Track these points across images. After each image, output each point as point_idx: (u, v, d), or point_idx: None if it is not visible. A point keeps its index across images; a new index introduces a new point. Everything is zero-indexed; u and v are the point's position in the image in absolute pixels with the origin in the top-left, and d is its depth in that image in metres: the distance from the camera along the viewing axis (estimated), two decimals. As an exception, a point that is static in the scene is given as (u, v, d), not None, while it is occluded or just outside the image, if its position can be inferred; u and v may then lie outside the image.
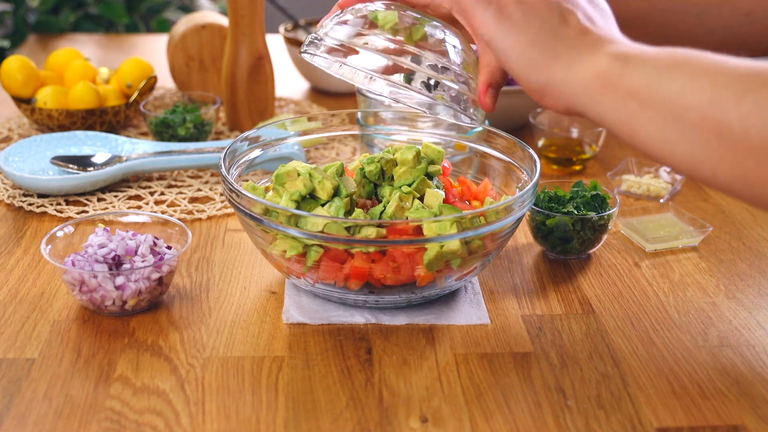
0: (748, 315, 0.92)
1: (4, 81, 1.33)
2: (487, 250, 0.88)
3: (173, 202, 1.14)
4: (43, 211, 1.10)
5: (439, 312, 0.90)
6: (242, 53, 1.31)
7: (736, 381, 0.81)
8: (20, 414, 0.75)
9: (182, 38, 1.42)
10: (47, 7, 2.20)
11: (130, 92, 1.36)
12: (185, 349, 0.84)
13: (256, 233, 0.88)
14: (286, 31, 1.59)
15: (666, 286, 0.97)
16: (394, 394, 0.78)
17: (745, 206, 1.16)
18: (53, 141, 1.20)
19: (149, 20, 2.42)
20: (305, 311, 0.90)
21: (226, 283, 0.95)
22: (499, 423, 0.75)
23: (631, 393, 0.79)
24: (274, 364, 0.82)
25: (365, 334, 0.87)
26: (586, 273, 0.99)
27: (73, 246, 0.93)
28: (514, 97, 1.32)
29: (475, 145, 1.04)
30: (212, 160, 1.18)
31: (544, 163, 1.26)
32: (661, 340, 0.87)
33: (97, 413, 0.75)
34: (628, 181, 1.18)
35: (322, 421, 0.75)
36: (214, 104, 1.33)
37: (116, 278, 0.86)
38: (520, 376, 0.81)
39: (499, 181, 1.01)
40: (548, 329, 0.88)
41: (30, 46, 1.84)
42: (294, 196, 0.88)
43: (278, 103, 1.52)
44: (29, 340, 0.85)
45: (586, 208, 1.00)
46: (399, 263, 0.85)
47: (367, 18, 0.85)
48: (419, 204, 0.89)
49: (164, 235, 0.96)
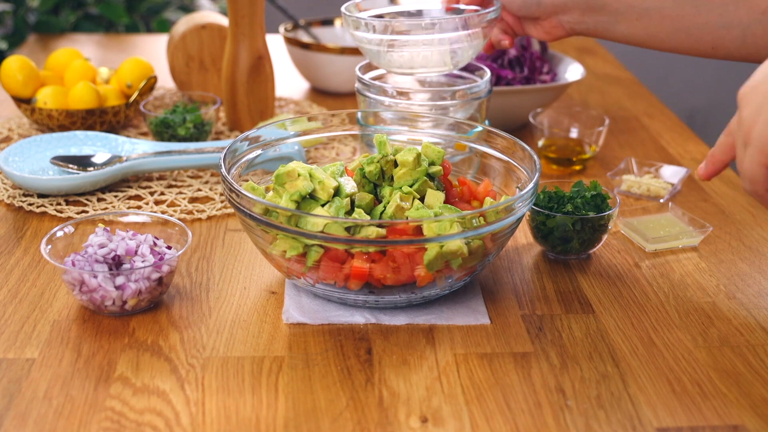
0: (748, 315, 0.92)
1: (4, 81, 1.33)
2: (487, 250, 0.88)
3: (173, 202, 1.14)
4: (43, 211, 1.10)
5: (439, 312, 0.90)
6: (242, 53, 1.31)
7: (736, 381, 0.81)
8: (20, 414, 0.75)
9: (182, 38, 1.42)
10: (47, 7, 2.20)
11: (130, 92, 1.36)
12: (185, 349, 0.84)
13: (256, 233, 0.88)
14: (286, 31, 1.59)
15: (666, 286, 0.97)
16: (394, 394, 0.78)
17: (745, 206, 1.16)
18: (53, 141, 1.20)
19: (149, 20, 2.42)
20: (305, 311, 0.90)
21: (226, 283, 0.95)
22: (499, 423, 0.75)
23: (631, 393, 0.79)
24: (274, 364, 0.82)
25: (365, 334, 0.87)
26: (586, 273, 0.99)
27: (73, 246, 0.93)
28: (514, 97, 1.32)
29: (475, 145, 1.04)
30: (212, 160, 1.18)
31: (544, 163, 1.26)
32: (661, 340, 0.87)
33: (97, 413, 0.75)
34: (628, 181, 1.18)
35: (322, 421, 0.75)
36: (214, 104, 1.33)
37: (116, 278, 0.86)
38: (520, 376, 0.81)
39: (499, 181, 1.01)
40: (548, 329, 0.88)
41: (30, 46, 1.84)
42: (294, 196, 0.88)
43: (278, 103, 1.52)
44: (29, 340, 0.85)
45: (586, 208, 1.00)
46: (399, 263, 0.85)
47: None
48: (419, 204, 0.89)
49: (164, 235, 0.96)
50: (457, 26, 1.07)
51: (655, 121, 1.47)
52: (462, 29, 1.07)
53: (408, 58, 1.09)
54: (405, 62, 1.10)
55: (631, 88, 1.65)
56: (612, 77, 1.71)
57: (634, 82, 1.69)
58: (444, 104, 1.11)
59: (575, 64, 1.42)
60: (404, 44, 1.09)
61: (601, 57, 1.84)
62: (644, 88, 1.65)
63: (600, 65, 1.78)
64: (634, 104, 1.55)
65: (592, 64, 1.77)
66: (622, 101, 1.57)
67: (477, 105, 1.14)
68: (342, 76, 1.52)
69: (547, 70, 1.43)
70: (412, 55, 1.08)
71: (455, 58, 1.11)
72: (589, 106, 1.53)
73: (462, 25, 1.07)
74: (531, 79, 1.40)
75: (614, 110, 1.51)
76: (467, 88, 1.11)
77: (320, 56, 1.50)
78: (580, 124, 1.30)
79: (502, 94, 1.30)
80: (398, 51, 1.09)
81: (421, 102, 1.11)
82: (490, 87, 1.16)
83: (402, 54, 1.09)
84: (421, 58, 1.09)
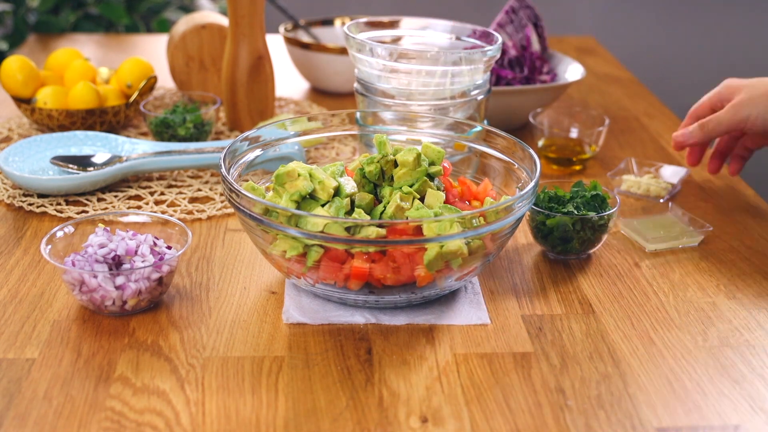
0: (748, 315, 0.92)
1: (4, 81, 1.33)
2: (487, 250, 0.88)
3: (173, 202, 1.14)
4: (43, 211, 1.10)
5: (439, 312, 0.90)
6: (242, 53, 1.31)
7: (736, 381, 0.81)
8: (20, 414, 0.75)
9: (182, 38, 1.42)
10: (47, 7, 2.20)
11: (130, 92, 1.36)
12: (185, 349, 0.84)
13: (256, 233, 0.88)
14: (286, 31, 1.59)
15: (666, 286, 0.97)
16: (394, 394, 0.78)
17: (745, 206, 1.16)
18: (53, 141, 1.20)
19: (149, 20, 2.42)
20: (305, 311, 0.90)
21: (226, 283, 0.95)
22: (499, 423, 0.75)
23: (631, 393, 0.79)
24: (274, 364, 0.82)
25: (365, 334, 0.87)
26: (586, 273, 0.99)
27: (73, 246, 0.93)
28: (514, 97, 1.32)
29: (475, 144, 1.04)
30: (212, 160, 1.18)
31: (544, 163, 1.26)
32: (661, 340, 0.87)
33: (97, 413, 0.75)
34: (628, 181, 1.18)
35: (322, 421, 0.75)
36: (214, 104, 1.33)
37: (116, 278, 0.86)
38: (520, 376, 0.81)
39: (499, 181, 1.01)
40: (548, 329, 0.88)
41: (30, 46, 1.84)
42: (294, 196, 0.88)
43: (278, 103, 1.52)
44: (29, 340, 0.85)
45: (586, 208, 1.00)
46: (399, 263, 0.85)
47: None
48: (419, 204, 0.89)
49: (164, 235, 0.96)
50: (461, 59, 1.08)
51: (655, 121, 1.47)
52: (465, 64, 1.09)
53: (406, 85, 1.11)
54: (403, 89, 1.11)
55: (631, 88, 1.65)
56: (612, 77, 1.71)
57: (634, 82, 1.69)
58: (443, 104, 1.12)
59: (575, 64, 1.42)
60: (407, 72, 1.10)
61: (601, 57, 1.84)
62: (644, 88, 1.65)
63: (600, 65, 1.78)
64: (634, 104, 1.55)
65: (592, 64, 1.77)
66: (622, 101, 1.57)
67: (476, 105, 1.14)
68: (342, 76, 1.52)
69: (547, 70, 1.43)
70: (411, 83, 1.10)
71: (454, 90, 1.12)
72: (589, 106, 1.53)
73: (465, 59, 1.09)
74: (531, 79, 1.40)
75: (614, 110, 1.51)
76: (475, 51, 1.11)
77: (320, 56, 1.50)
78: (580, 124, 1.30)
79: (502, 94, 1.30)
80: (398, 77, 1.10)
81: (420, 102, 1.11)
82: (489, 87, 1.16)
83: (401, 81, 1.10)
84: (420, 87, 1.10)
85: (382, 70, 1.11)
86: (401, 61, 1.09)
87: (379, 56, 1.09)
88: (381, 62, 1.10)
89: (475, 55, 1.09)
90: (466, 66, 1.09)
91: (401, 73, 1.10)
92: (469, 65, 1.09)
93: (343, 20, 1.67)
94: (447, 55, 1.08)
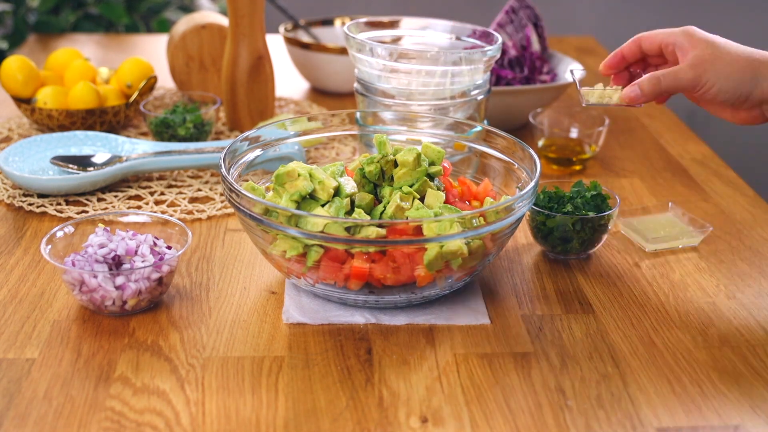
0: (748, 315, 0.92)
1: (4, 81, 1.33)
2: (487, 250, 0.88)
3: (173, 202, 1.14)
4: (43, 211, 1.10)
5: (439, 312, 0.90)
6: (242, 53, 1.31)
7: (736, 381, 0.81)
8: (20, 414, 0.75)
9: (182, 38, 1.42)
10: (47, 7, 2.20)
11: (130, 92, 1.36)
12: (185, 349, 0.84)
13: (256, 233, 0.88)
14: (286, 31, 1.59)
15: (666, 286, 0.97)
16: (394, 394, 0.78)
17: (745, 206, 1.16)
18: (53, 141, 1.20)
19: (149, 20, 2.42)
20: (305, 311, 0.90)
21: (226, 283, 0.95)
22: (499, 423, 0.75)
23: (631, 393, 0.79)
24: (274, 364, 0.82)
25: (365, 334, 0.87)
26: (586, 273, 0.99)
27: (73, 246, 0.93)
28: (514, 97, 1.32)
29: (475, 144, 1.04)
30: (212, 160, 1.18)
31: (544, 163, 1.26)
32: (661, 340, 0.87)
33: (97, 413, 0.75)
34: (596, 92, 1.09)
35: (322, 421, 0.75)
36: (214, 104, 1.33)
37: (116, 278, 0.86)
38: (520, 376, 0.81)
39: (499, 181, 1.01)
40: (548, 329, 0.88)
41: (30, 46, 1.84)
42: (294, 196, 0.88)
43: (278, 103, 1.52)
44: (29, 340, 0.85)
45: (586, 208, 1.00)
46: (399, 263, 0.85)
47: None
48: (419, 204, 0.89)
49: (164, 235, 0.96)
50: (461, 59, 1.08)
51: (655, 121, 1.47)
52: (465, 64, 1.09)
53: (406, 85, 1.11)
54: (403, 89, 1.12)
55: (631, 88, 1.64)
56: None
57: (634, 82, 1.68)
58: (443, 104, 1.12)
59: (575, 64, 1.41)
60: (407, 72, 1.10)
61: (602, 57, 1.84)
62: (644, 88, 1.64)
63: (600, 65, 1.77)
64: (634, 104, 1.55)
65: (592, 64, 1.77)
66: (622, 101, 1.57)
67: (476, 105, 1.14)
68: (342, 76, 1.52)
69: (547, 70, 1.43)
70: (411, 83, 1.10)
71: (454, 90, 1.12)
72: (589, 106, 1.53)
73: (465, 59, 1.09)
74: (531, 79, 1.40)
75: (614, 110, 1.51)
76: (475, 51, 1.10)
77: (320, 56, 1.50)
78: (580, 124, 1.30)
79: (502, 94, 1.30)
80: (398, 77, 1.11)
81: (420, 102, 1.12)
82: (489, 87, 1.16)
83: (401, 81, 1.11)
84: (420, 86, 1.11)
85: (382, 70, 1.11)
86: (401, 61, 1.09)
87: (379, 56, 1.10)
88: (381, 62, 1.10)
89: (475, 55, 1.09)
90: (466, 66, 1.09)
91: (401, 73, 1.10)
92: (469, 65, 1.09)
93: (343, 20, 1.67)
94: (447, 55, 1.08)
